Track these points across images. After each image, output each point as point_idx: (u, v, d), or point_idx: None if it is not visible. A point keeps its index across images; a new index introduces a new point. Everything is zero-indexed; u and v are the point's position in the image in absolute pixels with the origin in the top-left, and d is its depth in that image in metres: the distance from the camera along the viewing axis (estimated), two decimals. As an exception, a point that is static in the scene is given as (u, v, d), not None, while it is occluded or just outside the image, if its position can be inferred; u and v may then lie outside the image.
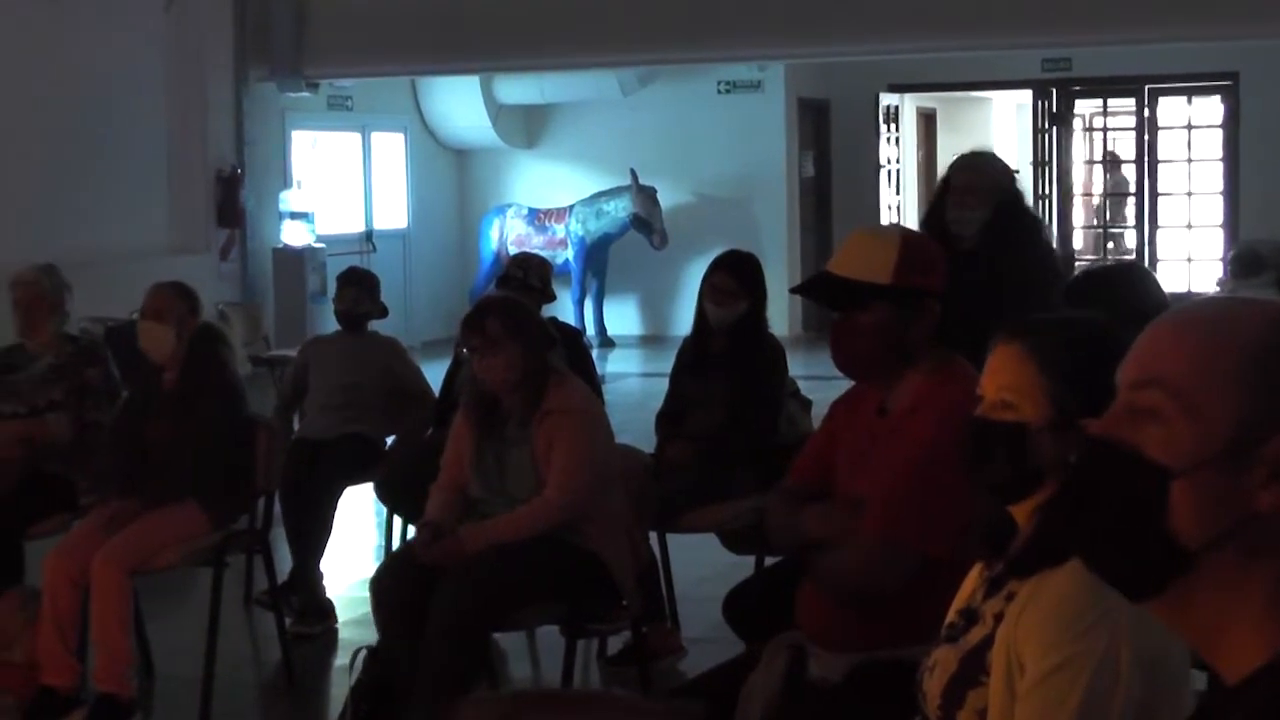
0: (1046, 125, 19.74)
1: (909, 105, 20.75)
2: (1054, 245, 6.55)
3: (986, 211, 6.23)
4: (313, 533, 7.31)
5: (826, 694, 3.82)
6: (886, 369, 3.92)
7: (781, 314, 15.28)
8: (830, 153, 19.89)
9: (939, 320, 3.92)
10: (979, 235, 6.22)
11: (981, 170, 6.46)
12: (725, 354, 6.65)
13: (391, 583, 5.30)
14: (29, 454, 6.62)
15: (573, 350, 6.94)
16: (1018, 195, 6.61)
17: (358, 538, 9.03)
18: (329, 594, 7.45)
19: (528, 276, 7.48)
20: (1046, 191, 19.58)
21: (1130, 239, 20.63)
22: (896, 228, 4.19)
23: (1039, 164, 19.76)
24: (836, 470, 4.07)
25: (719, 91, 18.76)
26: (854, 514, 3.88)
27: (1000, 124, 23.52)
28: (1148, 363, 1.62)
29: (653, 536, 6.43)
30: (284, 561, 7.31)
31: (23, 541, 6.54)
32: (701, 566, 7.24)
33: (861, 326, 3.89)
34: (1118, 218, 20.81)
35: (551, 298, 7.58)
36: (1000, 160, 6.79)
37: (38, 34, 13.71)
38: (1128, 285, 5.25)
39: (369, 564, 8.46)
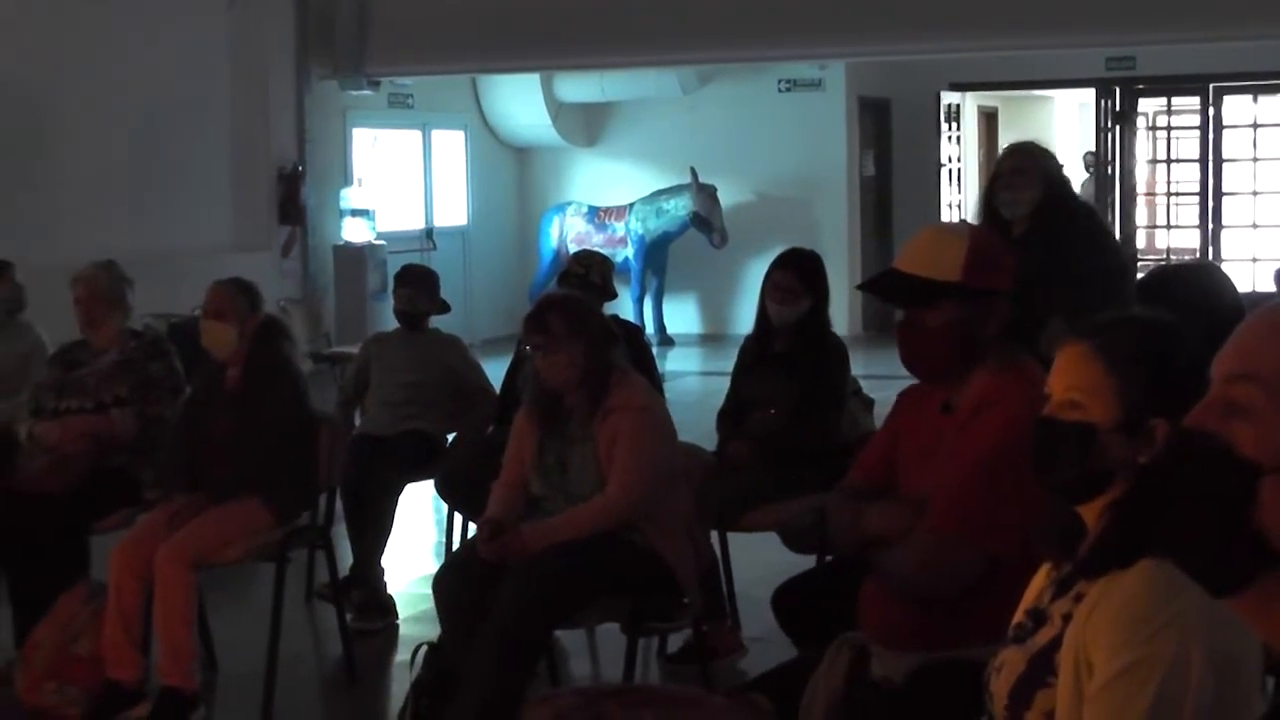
0: (1109, 124, 19.61)
1: (970, 104, 20.67)
2: (1107, 229, 6.55)
3: (1036, 193, 6.23)
4: (374, 529, 7.33)
5: (889, 694, 3.81)
6: (954, 368, 3.89)
7: (842, 313, 15.23)
8: (891, 151, 19.83)
9: (1009, 319, 3.89)
10: (1031, 219, 6.22)
11: (1028, 153, 6.47)
12: (787, 352, 6.65)
13: (453, 580, 5.31)
14: (94, 449, 6.66)
15: (634, 348, 6.94)
16: (1065, 180, 6.61)
17: (418, 535, 9.06)
18: (390, 590, 7.47)
19: (589, 274, 7.48)
20: (1109, 191, 19.47)
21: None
22: (966, 225, 4.16)
23: (1101, 163, 19.65)
24: (900, 468, 4.05)
25: (779, 90, 18.73)
26: (917, 512, 3.86)
27: (1063, 123, 23.42)
28: (1244, 357, 1.60)
29: (713, 535, 6.43)
30: (345, 557, 7.34)
31: (88, 535, 6.57)
32: (762, 566, 7.22)
33: (929, 325, 3.87)
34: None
35: (613, 295, 7.58)
36: (1046, 147, 6.80)
37: (101, 34, 13.81)
38: (1200, 284, 5.22)
39: (429, 561, 8.49)
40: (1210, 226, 19.69)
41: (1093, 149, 20.81)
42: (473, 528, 6.85)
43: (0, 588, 6.75)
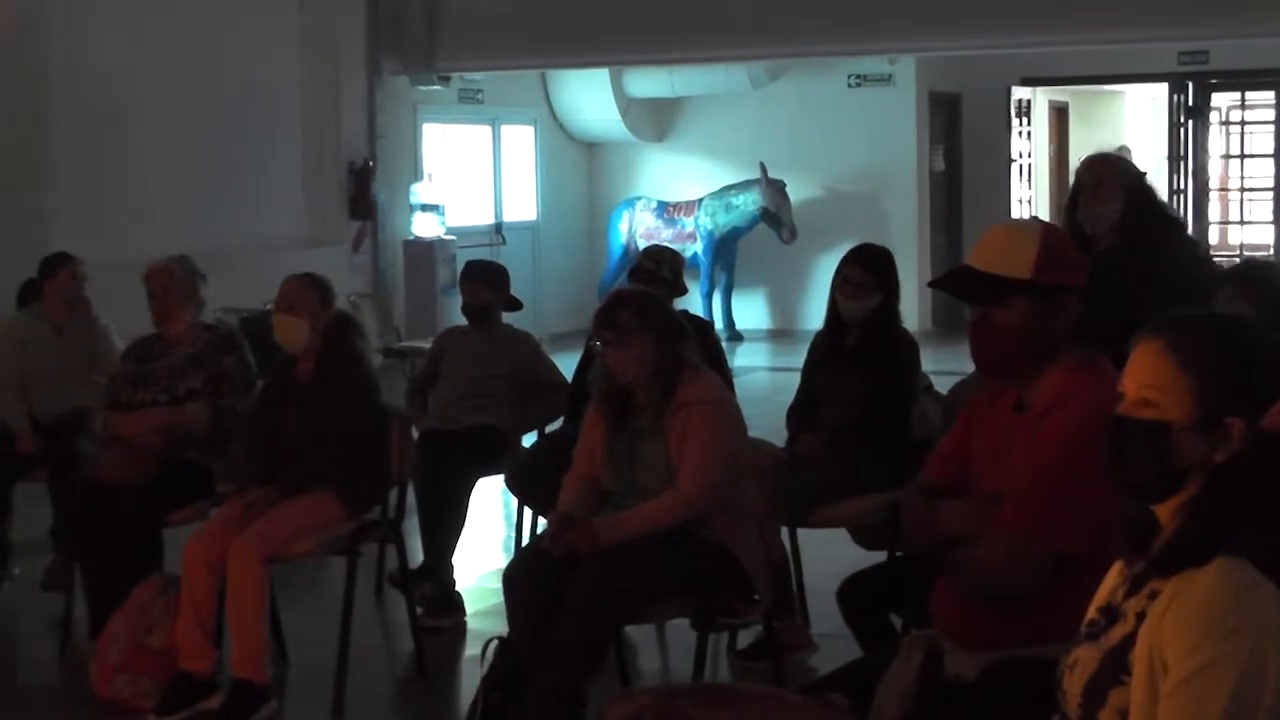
0: (1182, 119, 19.47)
1: (1041, 99, 20.57)
2: (1197, 240, 6.46)
3: (1118, 205, 6.16)
4: (447, 523, 7.35)
5: (962, 691, 3.79)
6: (1025, 366, 3.87)
7: (912, 309, 15.20)
8: (961, 147, 19.76)
9: (1080, 316, 3.87)
10: (1115, 233, 6.16)
11: (1110, 164, 6.40)
12: (858, 348, 6.63)
13: (524, 575, 5.31)
14: (168, 441, 6.71)
15: (705, 343, 6.93)
16: (1149, 189, 6.52)
17: (486, 529, 9.08)
18: (459, 585, 7.48)
19: (659, 269, 7.48)
20: (1181, 187, 19.32)
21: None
22: (1037, 221, 4.11)
23: (1174, 159, 19.51)
24: (973, 466, 4.03)
25: (849, 85, 18.69)
26: (990, 511, 3.84)
27: (1135, 118, 23.26)
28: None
29: (783, 531, 6.43)
30: (414, 552, 7.35)
31: (162, 528, 6.62)
32: (832, 562, 7.20)
33: (1001, 323, 3.84)
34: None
35: (683, 291, 7.58)
36: (1127, 159, 6.73)
37: (175, 31, 13.93)
38: (1273, 282, 5.17)
39: (498, 555, 8.52)
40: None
41: (1125, 143, 20.92)
42: (542, 522, 6.87)
43: (75, 579, 6.81)
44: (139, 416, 6.78)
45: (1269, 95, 19.82)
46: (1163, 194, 20.16)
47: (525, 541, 7.67)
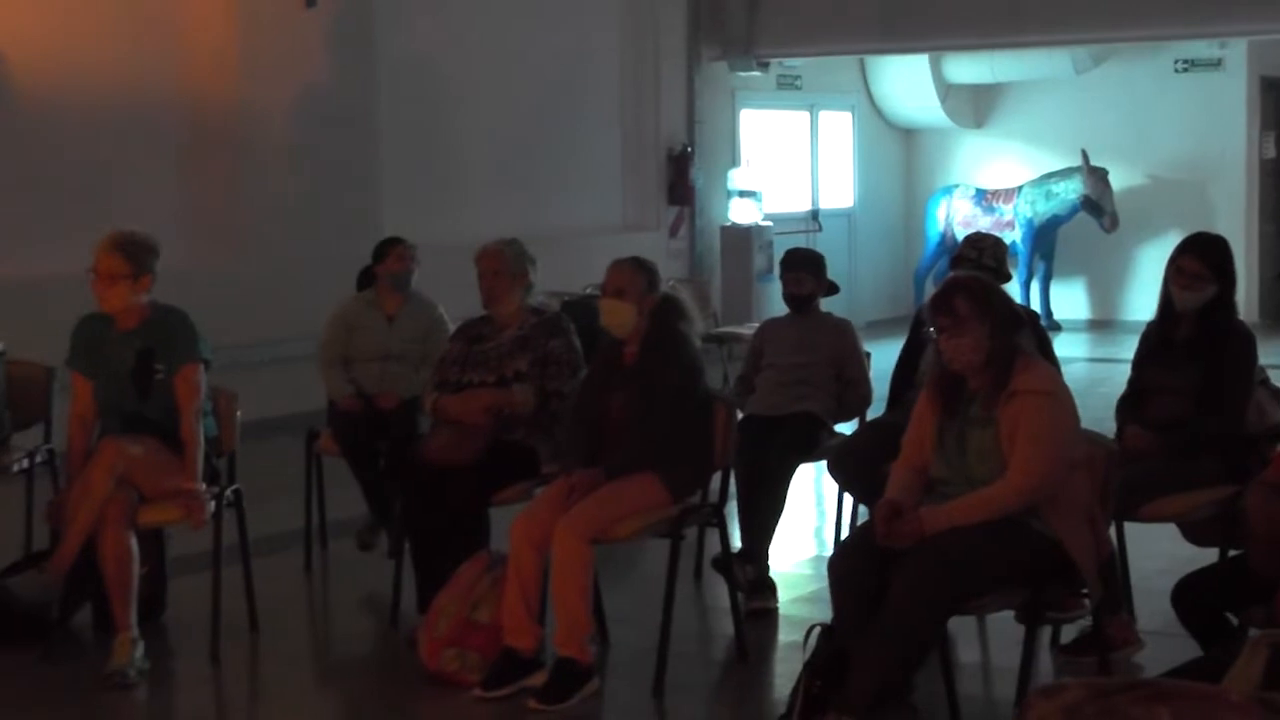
0: None
1: (1381, 84, 19.79)
2: None
3: None
4: (767, 509, 7.34)
5: (1311, 695, 3.66)
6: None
7: (1239, 300, 14.75)
8: (1293, 134, 19.13)
9: None
10: None
11: None
12: (1192, 340, 6.46)
13: (849, 563, 5.28)
14: (495, 422, 6.82)
15: (1034, 332, 6.83)
16: None
17: (799, 516, 9.06)
18: (774, 571, 7.47)
19: (981, 256, 7.38)
20: None
21: None
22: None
23: None
24: (1323, 462, 3.90)
25: (1176, 70, 18.22)
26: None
27: None
28: None
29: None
30: (733, 538, 7.35)
31: (488, 507, 6.74)
32: (1160, 557, 7.06)
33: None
34: None
35: (1007, 278, 7.46)
36: None
37: (502, 18, 14.20)
38: None
39: (812, 542, 8.50)
40: None
41: None
42: (863, 510, 6.82)
43: (405, 555, 6.96)
44: (467, 397, 6.91)
45: None
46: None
47: (846, 529, 7.65)
